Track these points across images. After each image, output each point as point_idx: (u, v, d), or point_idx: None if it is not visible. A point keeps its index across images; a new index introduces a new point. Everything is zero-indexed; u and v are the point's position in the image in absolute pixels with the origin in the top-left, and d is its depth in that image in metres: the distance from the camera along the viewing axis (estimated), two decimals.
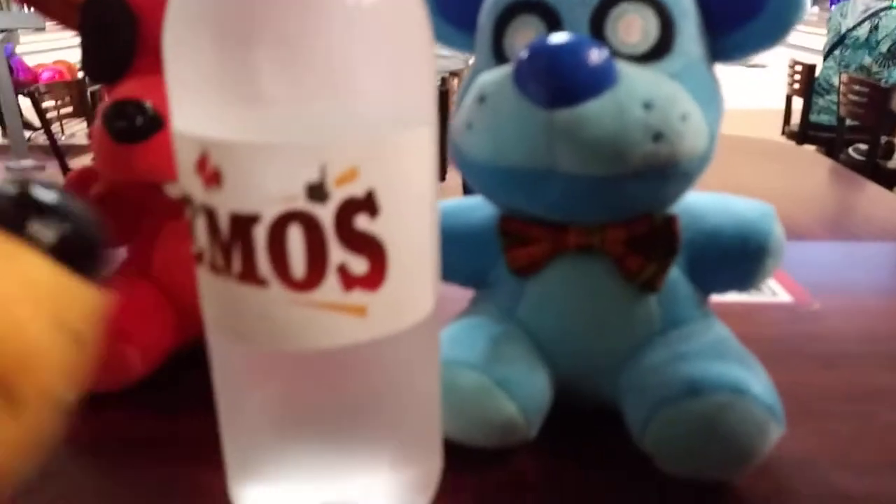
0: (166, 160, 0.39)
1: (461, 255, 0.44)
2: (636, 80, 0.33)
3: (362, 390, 0.30)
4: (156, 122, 0.39)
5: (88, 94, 3.25)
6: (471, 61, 0.42)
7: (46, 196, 0.26)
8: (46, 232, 0.24)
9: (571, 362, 0.40)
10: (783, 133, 3.56)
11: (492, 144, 0.35)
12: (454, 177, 1.52)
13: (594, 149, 0.33)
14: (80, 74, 3.71)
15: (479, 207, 0.44)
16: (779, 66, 4.34)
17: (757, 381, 0.35)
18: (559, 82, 0.32)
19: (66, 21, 0.45)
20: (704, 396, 0.34)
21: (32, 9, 0.46)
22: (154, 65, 0.41)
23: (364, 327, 0.27)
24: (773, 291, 0.65)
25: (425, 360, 0.32)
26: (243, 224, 0.25)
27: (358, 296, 0.26)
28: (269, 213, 0.25)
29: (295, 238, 0.25)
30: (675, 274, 0.40)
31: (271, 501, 0.31)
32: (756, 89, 5.91)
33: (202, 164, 0.26)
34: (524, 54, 0.33)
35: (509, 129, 0.34)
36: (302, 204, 0.25)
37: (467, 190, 1.22)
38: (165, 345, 0.47)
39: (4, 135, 4.24)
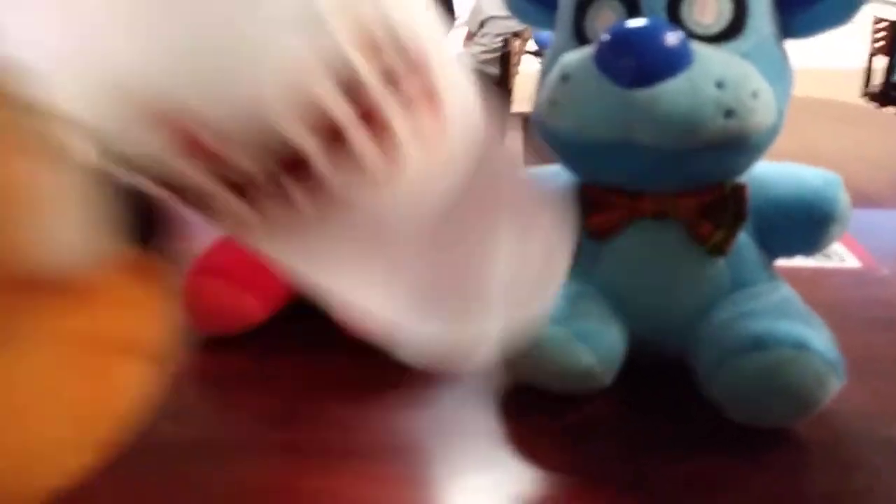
0: None
1: None
2: (709, 60, 0.36)
3: None
4: None
5: None
6: None
7: None
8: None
9: (645, 319, 0.44)
10: (864, 94, 3.41)
11: (574, 120, 0.39)
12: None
13: (669, 124, 0.36)
14: None
15: (557, 175, 0.48)
16: (860, 23, 4.14)
17: (818, 338, 0.38)
18: (638, 64, 0.35)
19: None
20: (768, 350, 0.37)
21: None
22: None
23: None
24: (841, 257, 0.66)
25: None
26: None
27: None
28: None
29: None
30: (744, 239, 0.43)
31: None
32: (835, 48, 5.63)
33: None
34: (605, 37, 0.36)
35: (591, 105, 0.38)
36: None
37: (532, 163, 1.25)
38: (283, 293, 0.53)
39: None
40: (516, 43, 2.61)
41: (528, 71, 4.51)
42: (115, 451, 0.28)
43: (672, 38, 0.35)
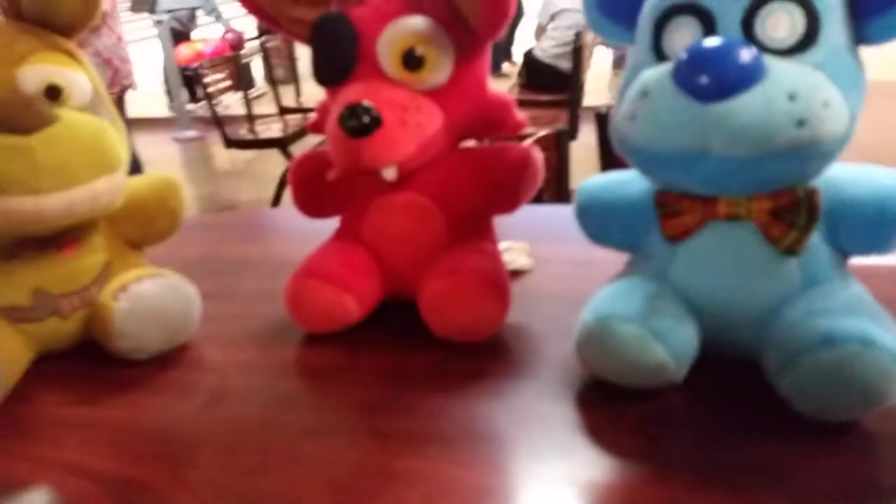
0: (385, 151, 0.49)
1: (619, 223, 0.51)
2: (782, 74, 0.38)
3: None
4: (377, 121, 0.48)
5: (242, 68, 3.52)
6: None
7: None
8: None
9: (717, 317, 0.46)
10: None
11: (653, 132, 0.41)
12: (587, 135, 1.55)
13: (744, 135, 0.38)
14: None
15: (634, 181, 0.50)
16: None
17: (886, 334, 0.40)
18: (714, 80, 0.38)
19: (296, 36, 0.55)
20: (836, 347, 0.39)
21: (263, 23, 0.57)
22: (370, 70, 0.51)
23: None
24: None
25: None
26: None
27: None
28: None
29: None
30: (816, 239, 0.44)
31: None
32: None
33: None
34: (683, 56, 0.39)
35: (669, 119, 0.40)
36: None
37: (605, 158, 1.26)
38: (376, 296, 0.58)
39: (170, 107, 4.68)
40: (589, 36, 2.60)
41: (601, 64, 4.46)
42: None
43: (746, 54, 0.38)
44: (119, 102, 2.23)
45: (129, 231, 0.59)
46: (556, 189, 1.34)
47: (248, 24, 4.57)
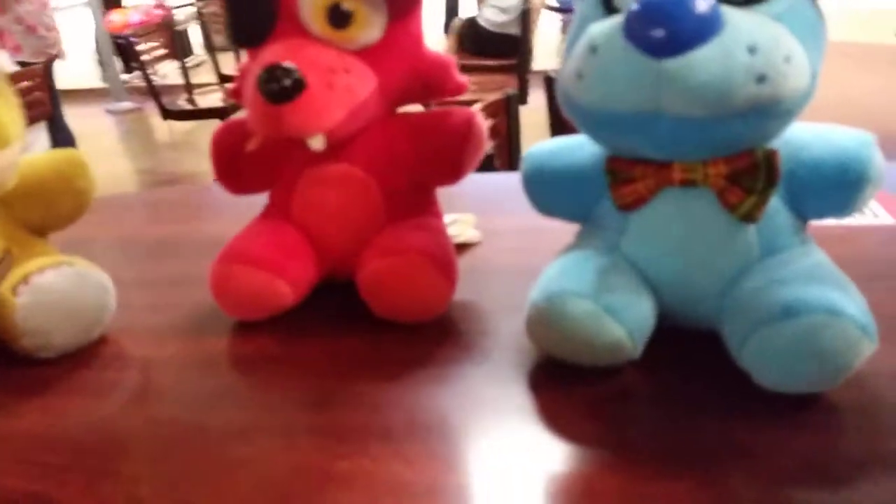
0: (310, 117, 0.45)
1: (568, 192, 0.48)
2: (741, 25, 0.35)
3: None
4: (300, 84, 0.44)
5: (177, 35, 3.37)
6: None
7: None
8: None
9: (674, 289, 0.44)
10: None
11: (603, 92, 0.38)
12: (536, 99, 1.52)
13: (701, 93, 0.35)
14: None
15: (583, 146, 0.47)
16: None
17: (851, 303, 0.38)
18: (668, 33, 0.34)
19: None
20: (800, 318, 0.37)
21: None
22: (292, 29, 0.46)
23: None
24: (874, 214, 0.65)
25: None
26: None
27: None
28: None
29: None
30: (775, 204, 0.42)
31: None
32: None
33: None
34: (634, 7, 0.35)
35: (620, 77, 0.37)
36: None
37: (556, 123, 1.23)
38: (310, 278, 0.54)
39: (103, 78, 4.47)
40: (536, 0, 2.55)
41: (549, 29, 4.44)
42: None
43: (702, 3, 0.34)
44: (46, 72, 2.11)
45: (28, 215, 0.53)
46: (508, 155, 1.31)
47: None
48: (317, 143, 0.47)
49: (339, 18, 0.46)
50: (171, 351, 0.52)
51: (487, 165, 0.56)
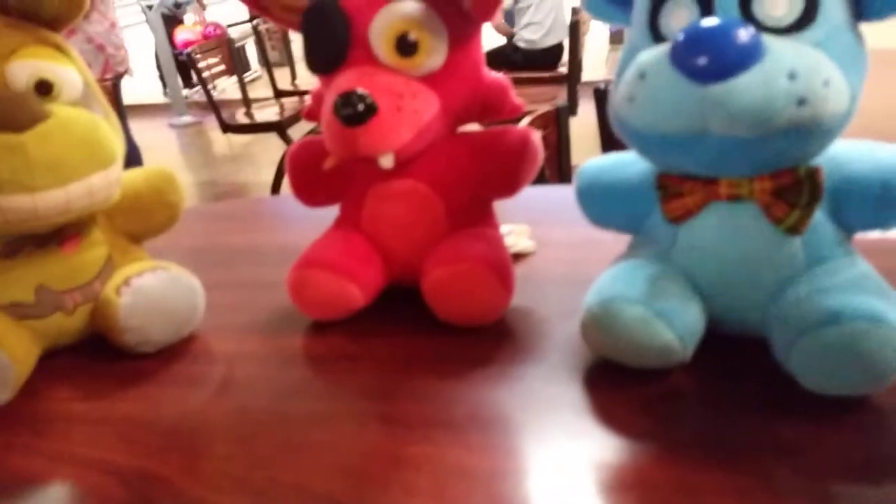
0: (381, 138, 0.49)
1: (620, 205, 0.51)
2: (781, 53, 0.38)
3: None
4: (372, 108, 0.48)
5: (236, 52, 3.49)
6: None
7: None
8: None
9: (722, 298, 0.47)
10: None
11: (652, 115, 0.41)
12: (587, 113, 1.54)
13: (743, 116, 0.38)
14: (230, 33, 3.98)
15: (635, 162, 0.50)
16: None
17: (894, 311, 0.40)
18: (712, 61, 0.37)
19: (287, 23, 0.55)
20: (843, 324, 0.39)
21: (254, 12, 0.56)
22: (363, 57, 0.51)
23: None
24: None
25: None
26: None
27: None
28: None
29: None
30: (819, 217, 0.44)
31: None
32: None
33: None
34: (680, 37, 0.38)
35: (667, 101, 0.40)
36: None
37: (606, 134, 1.25)
38: (378, 283, 0.58)
39: (165, 94, 4.65)
40: (584, 12, 2.57)
41: (598, 39, 4.41)
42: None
43: (744, 34, 0.37)
44: (114, 89, 2.22)
45: (128, 225, 0.59)
46: (558, 166, 1.33)
47: (240, 8, 4.52)
48: (386, 161, 0.51)
49: (406, 48, 0.51)
50: (252, 347, 0.57)
51: (538, 176, 0.59)
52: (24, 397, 0.52)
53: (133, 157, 2.61)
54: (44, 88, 0.50)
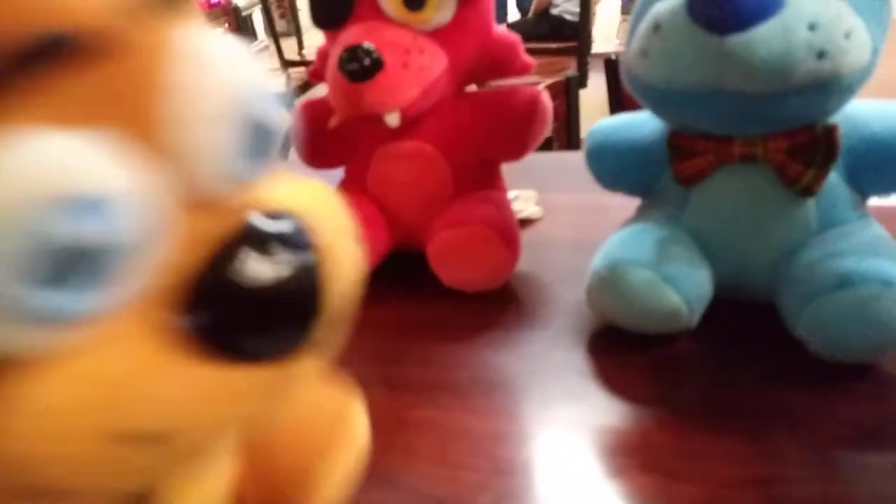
0: (388, 95, 0.48)
1: (631, 166, 0.50)
2: (801, 2, 0.36)
3: None
4: (379, 63, 0.47)
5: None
6: None
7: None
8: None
9: (732, 261, 0.46)
10: None
11: (666, 69, 0.40)
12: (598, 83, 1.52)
13: (761, 69, 0.36)
14: (235, 1, 3.94)
15: (646, 122, 0.49)
16: None
17: None
18: (730, 11, 0.36)
19: None
20: (854, 288, 0.38)
21: None
22: (369, 12, 0.50)
23: None
24: None
25: None
26: None
27: None
28: None
29: None
30: (834, 178, 0.43)
31: None
32: None
33: None
34: None
35: (683, 54, 0.38)
36: None
37: (615, 106, 1.23)
38: (384, 247, 0.57)
39: None
40: None
41: (608, 10, 4.37)
42: None
43: None
44: None
45: None
46: (567, 137, 1.32)
47: None
48: (392, 119, 0.50)
49: (413, 1, 0.49)
50: None
51: (546, 147, 0.58)
52: None
53: None
54: None
